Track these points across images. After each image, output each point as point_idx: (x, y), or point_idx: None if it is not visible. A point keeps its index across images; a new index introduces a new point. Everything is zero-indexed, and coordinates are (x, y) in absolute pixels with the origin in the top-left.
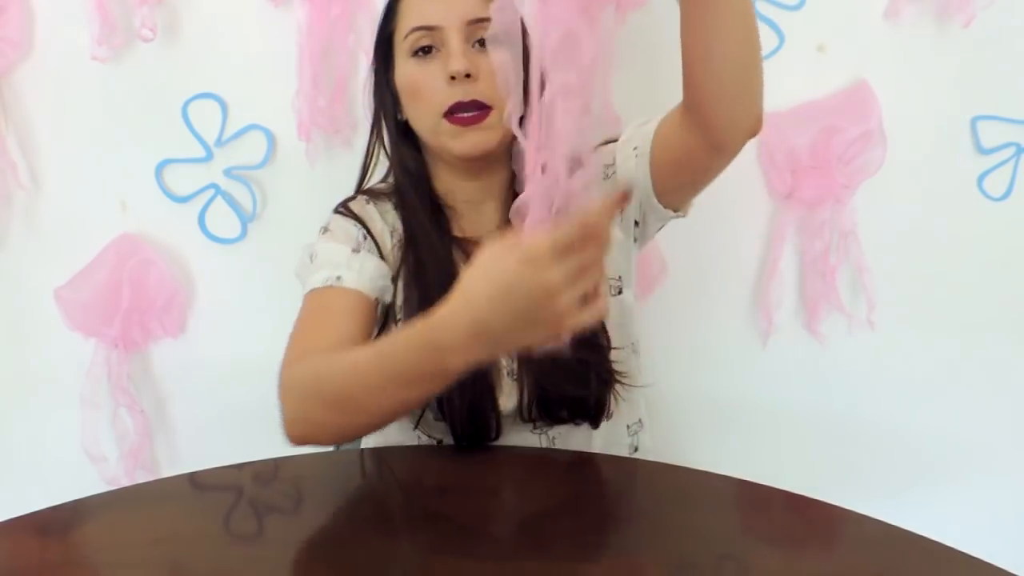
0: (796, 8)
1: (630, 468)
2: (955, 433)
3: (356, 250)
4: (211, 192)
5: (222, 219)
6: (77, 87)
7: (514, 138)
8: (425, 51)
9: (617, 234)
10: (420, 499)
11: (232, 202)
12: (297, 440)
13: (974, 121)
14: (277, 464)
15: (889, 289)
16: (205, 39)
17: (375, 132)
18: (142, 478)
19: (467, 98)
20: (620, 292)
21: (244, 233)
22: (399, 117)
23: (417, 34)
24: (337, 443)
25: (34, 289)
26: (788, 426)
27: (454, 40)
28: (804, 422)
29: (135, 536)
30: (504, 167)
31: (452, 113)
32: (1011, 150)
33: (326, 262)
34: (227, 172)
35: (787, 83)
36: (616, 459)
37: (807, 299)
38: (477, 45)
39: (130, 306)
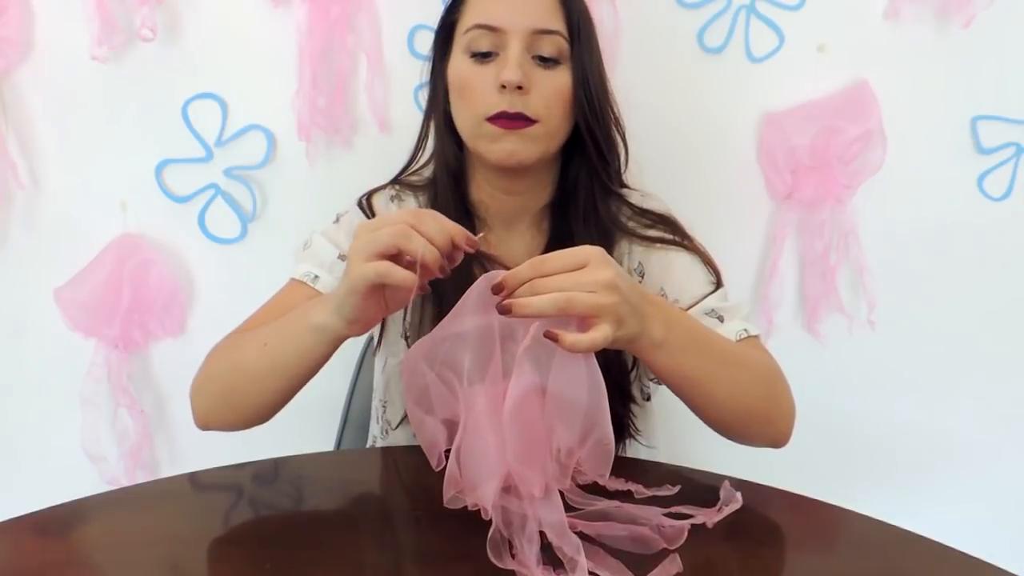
0: (796, 8)
1: (631, 468)
2: (955, 432)
3: (344, 256)
4: (211, 192)
5: (222, 219)
6: (77, 87)
7: (553, 157)
8: (483, 56)
9: None
10: (422, 499)
11: (232, 202)
12: (197, 412)
13: (974, 121)
14: (277, 464)
15: (889, 289)
16: (205, 39)
17: (428, 118)
18: (142, 478)
19: (513, 109)
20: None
21: (244, 233)
22: (446, 108)
23: (478, 32)
24: (232, 422)
25: (34, 289)
26: None
27: (514, 48)
28: (804, 422)
29: (135, 536)
30: (542, 188)
31: (495, 118)
32: (1011, 150)
33: (313, 256)
34: (227, 172)
35: (787, 83)
36: (617, 459)
37: (807, 299)
38: (536, 59)
39: (130, 306)
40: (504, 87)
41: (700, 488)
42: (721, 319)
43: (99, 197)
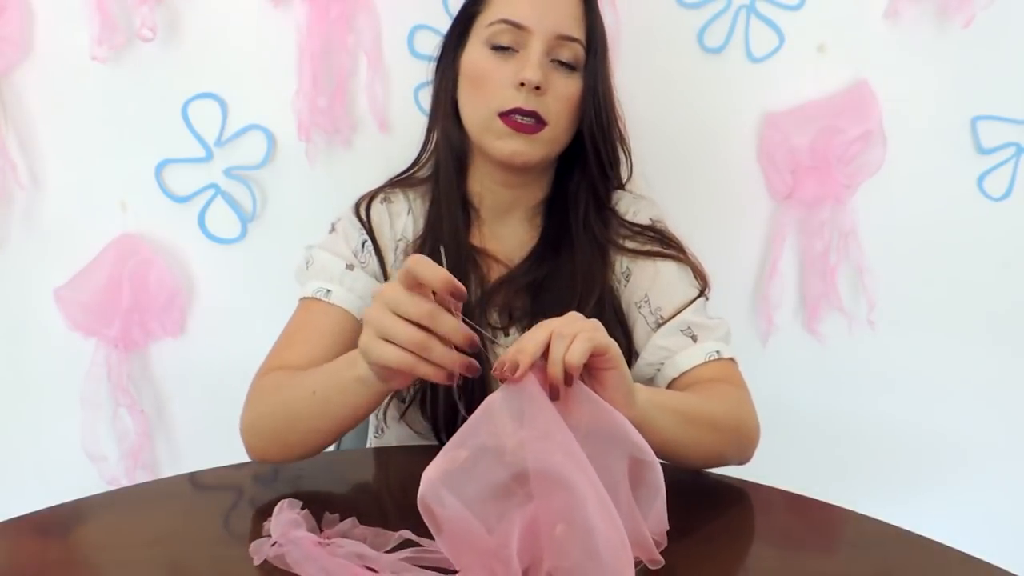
0: (796, 8)
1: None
2: (954, 432)
3: (351, 266)
4: (211, 192)
5: (222, 219)
6: (77, 87)
7: (554, 158)
8: (503, 50)
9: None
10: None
11: (232, 202)
12: (252, 449)
13: (974, 121)
14: (277, 464)
15: (889, 289)
16: (205, 39)
17: (435, 108)
18: (142, 478)
19: (528, 107)
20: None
21: (244, 233)
22: (454, 96)
23: (502, 27)
24: (287, 458)
25: (34, 289)
26: (788, 426)
27: (536, 48)
28: (804, 422)
29: (135, 536)
30: (538, 185)
31: (509, 115)
32: (1011, 150)
33: (320, 271)
34: (227, 172)
35: (787, 83)
36: None
37: (807, 299)
38: (554, 63)
39: (130, 306)
40: (523, 85)
41: (701, 489)
42: (695, 338)
43: (99, 197)
